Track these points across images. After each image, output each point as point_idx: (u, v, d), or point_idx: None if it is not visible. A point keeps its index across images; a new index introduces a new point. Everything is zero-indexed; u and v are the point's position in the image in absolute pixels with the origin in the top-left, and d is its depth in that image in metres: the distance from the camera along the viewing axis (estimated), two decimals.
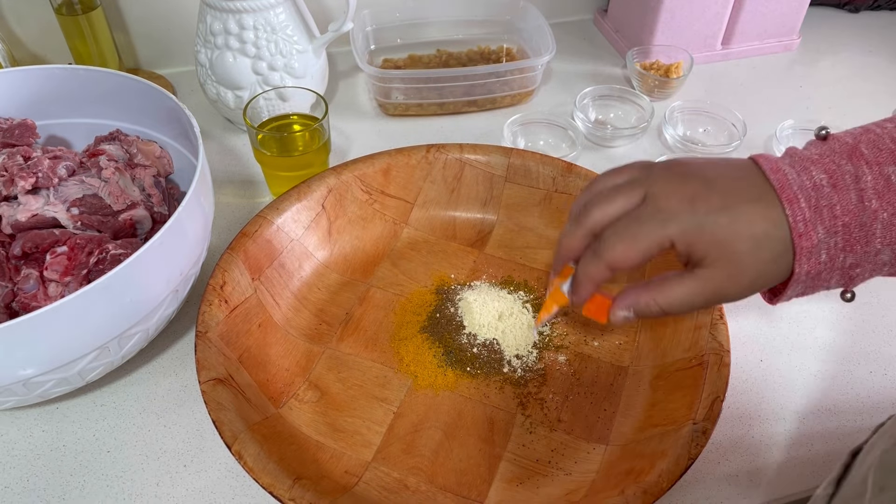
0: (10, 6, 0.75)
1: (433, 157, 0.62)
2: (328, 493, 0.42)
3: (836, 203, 0.37)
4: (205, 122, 0.76)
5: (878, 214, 0.37)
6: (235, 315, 0.50)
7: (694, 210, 0.39)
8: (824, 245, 0.37)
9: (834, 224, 0.37)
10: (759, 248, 0.38)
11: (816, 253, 0.38)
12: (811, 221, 0.37)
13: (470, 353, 0.53)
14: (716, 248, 0.38)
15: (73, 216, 0.49)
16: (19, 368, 0.42)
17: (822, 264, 0.38)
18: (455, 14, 0.85)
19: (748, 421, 0.51)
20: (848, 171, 0.37)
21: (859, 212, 0.37)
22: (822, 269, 0.38)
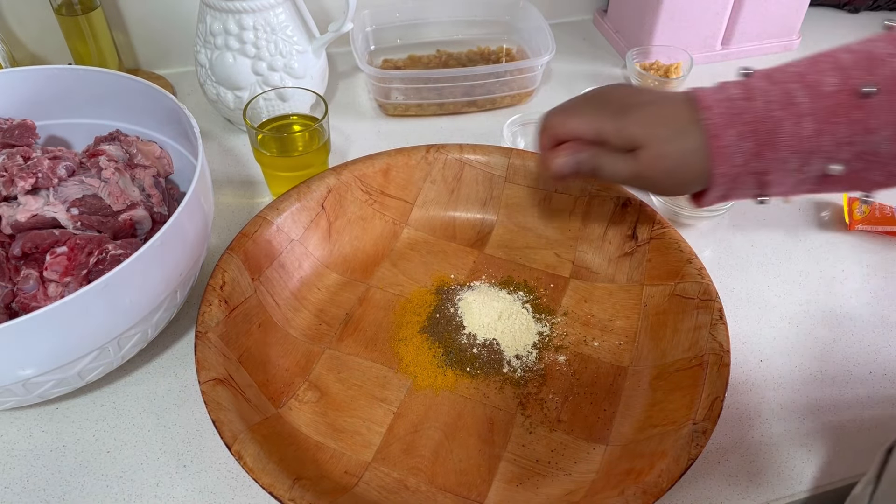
0: (10, 6, 0.75)
1: (433, 157, 0.62)
2: (328, 494, 0.42)
3: (746, 111, 0.42)
4: (205, 123, 0.76)
5: (782, 123, 0.42)
6: (235, 315, 0.50)
7: (625, 104, 0.47)
8: (738, 149, 0.43)
9: (744, 129, 0.42)
10: (679, 136, 0.44)
11: (731, 156, 0.43)
12: (724, 125, 0.43)
13: (470, 353, 0.53)
14: (641, 133, 0.45)
15: (72, 216, 0.49)
16: (19, 369, 0.42)
17: (737, 167, 0.44)
18: (455, 14, 0.85)
19: (748, 421, 0.51)
20: (758, 88, 0.43)
21: (766, 120, 0.42)
22: (739, 173, 0.44)
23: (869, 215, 0.64)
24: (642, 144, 0.45)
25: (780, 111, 0.41)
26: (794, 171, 0.43)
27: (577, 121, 0.48)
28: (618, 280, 0.58)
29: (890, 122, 0.40)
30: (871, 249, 0.64)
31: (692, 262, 0.53)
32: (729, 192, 0.46)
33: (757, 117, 0.42)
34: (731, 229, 0.66)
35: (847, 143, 0.41)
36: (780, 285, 0.61)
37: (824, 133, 0.41)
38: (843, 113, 0.40)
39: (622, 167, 0.47)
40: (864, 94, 0.40)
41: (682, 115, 0.44)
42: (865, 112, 0.40)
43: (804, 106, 0.41)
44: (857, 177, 0.43)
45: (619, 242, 0.59)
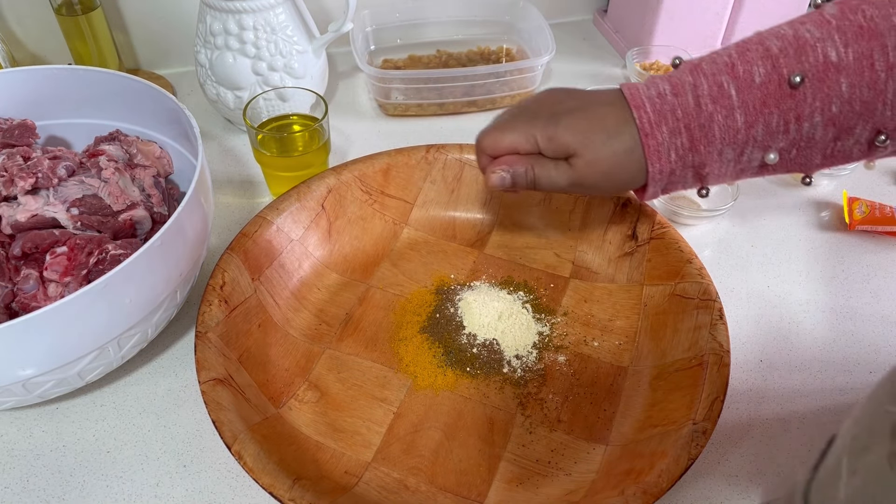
0: (10, 6, 0.75)
1: (433, 157, 0.62)
2: (328, 494, 0.42)
3: (678, 107, 0.42)
4: (205, 123, 0.76)
5: (714, 117, 0.42)
6: (235, 315, 0.50)
7: (555, 112, 0.46)
8: (672, 145, 0.43)
9: (676, 125, 0.43)
10: (611, 139, 0.44)
11: (665, 152, 0.43)
12: (656, 123, 0.43)
13: (470, 353, 0.53)
14: (574, 140, 0.45)
15: (72, 216, 0.49)
16: (19, 369, 0.42)
17: (673, 163, 0.44)
18: (455, 14, 0.85)
19: (748, 421, 0.51)
20: (688, 82, 0.43)
21: (698, 114, 0.42)
22: (675, 168, 0.44)
23: (869, 215, 0.64)
24: (575, 152, 0.46)
25: (712, 105, 0.42)
26: (731, 161, 0.44)
27: (510, 136, 0.48)
28: (618, 280, 0.58)
29: (820, 109, 0.40)
30: (871, 249, 0.64)
31: (692, 262, 0.53)
32: (668, 185, 0.46)
33: (688, 112, 0.42)
34: (731, 229, 0.66)
35: (781, 132, 0.41)
36: (780, 285, 0.61)
37: (756, 124, 0.41)
38: (774, 103, 0.41)
39: (559, 176, 0.47)
40: (793, 83, 0.40)
41: (613, 117, 0.45)
42: (796, 100, 0.40)
43: (735, 98, 0.41)
44: (797, 162, 0.44)
45: (619, 242, 0.59)
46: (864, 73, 0.39)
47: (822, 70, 0.39)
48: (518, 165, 0.48)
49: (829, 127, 0.41)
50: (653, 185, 0.46)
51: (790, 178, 0.71)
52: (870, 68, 0.39)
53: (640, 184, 0.47)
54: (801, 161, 0.44)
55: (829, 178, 0.69)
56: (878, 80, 0.39)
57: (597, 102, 0.46)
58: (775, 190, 0.70)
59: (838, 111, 0.40)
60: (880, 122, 0.40)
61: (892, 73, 0.38)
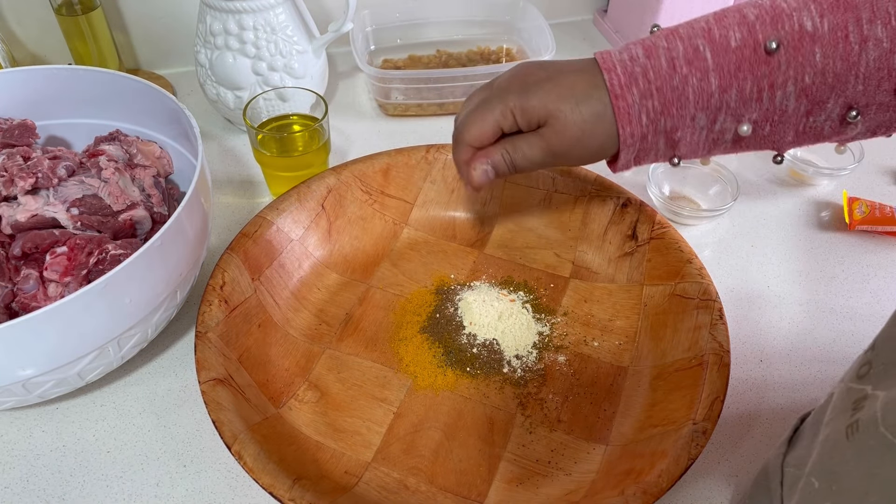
0: (10, 6, 0.75)
1: (433, 157, 0.62)
2: (328, 494, 0.42)
3: (649, 69, 0.42)
4: (205, 123, 0.76)
5: (688, 79, 0.42)
6: (235, 315, 0.50)
7: (525, 84, 0.46)
8: (643, 107, 0.43)
9: (648, 88, 0.42)
10: (579, 105, 0.44)
11: (636, 115, 0.43)
12: (626, 85, 0.43)
13: (470, 353, 0.53)
14: (544, 109, 0.45)
15: (72, 216, 0.49)
16: (19, 369, 0.42)
17: (644, 127, 0.44)
18: (455, 14, 0.85)
19: (748, 421, 0.51)
20: (662, 46, 0.43)
21: (671, 76, 0.42)
22: (647, 132, 0.44)
23: (869, 215, 0.64)
24: (546, 120, 0.45)
25: (686, 67, 0.42)
26: (704, 129, 0.43)
27: (490, 118, 0.47)
28: (618, 280, 0.58)
29: (793, 78, 0.40)
30: (871, 249, 0.64)
31: (692, 262, 0.53)
32: (640, 153, 0.46)
33: (661, 74, 0.42)
34: (731, 229, 0.66)
35: (754, 100, 0.41)
36: (780, 285, 0.61)
37: (730, 88, 0.41)
38: (748, 68, 0.41)
39: (533, 150, 0.47)
40: (768, 49, 0.40)
41: (582, 82, 0.44)
42: (770, 67, 0.40)
43: (710, 61, 0.41)
44: (770, 139, 0.44)
45: (619, 242, 0.59)
46: (839, 44, 0.39)
47: (798, 38, 0.40)
48: (494, 153, 0.48)
49: (802, 98, 0.41)
50: (625, 151, 0.45)
51: (790, 178, 0.71)
52: (844, 40, 0.39)
53: (612, 151, 0.46)
54: (773, 138, 0.44)
55: (829, 178, 0.69)
56: (851, 52, 0.39)
57: (566, 71, 0.46)
58: (775, 190, 0.70)
59: (811, 82, 0.40)
60: (852, 97, 0.40)
61: (865, 46, 0.39)
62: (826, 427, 0.33)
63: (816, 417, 0.37)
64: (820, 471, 0.32)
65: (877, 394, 0.29)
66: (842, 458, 0.30)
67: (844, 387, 0.33)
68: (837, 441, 0.31)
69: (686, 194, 0.69)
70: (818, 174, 0.69)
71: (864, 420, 0.29)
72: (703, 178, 0.68)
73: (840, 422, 0.31)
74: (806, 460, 0.34)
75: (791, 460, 0.38)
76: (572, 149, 0.46)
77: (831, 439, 0.31)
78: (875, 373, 0.30)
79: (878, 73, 0.39)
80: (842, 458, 0.30)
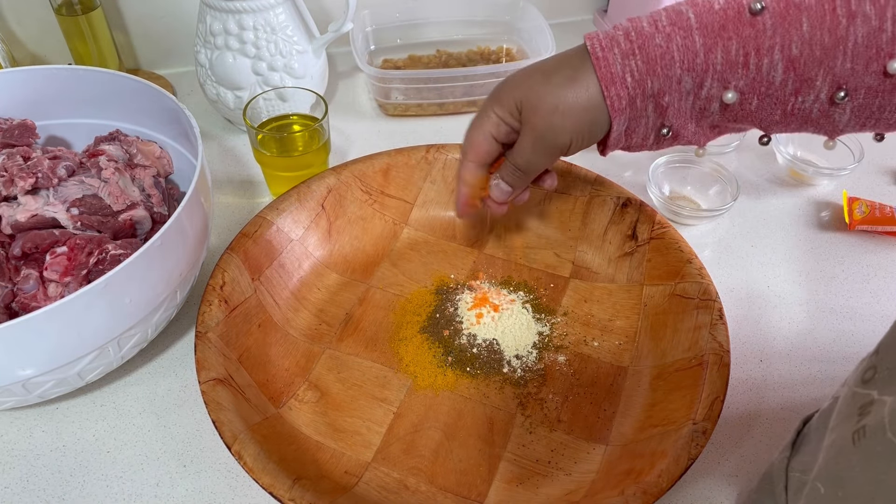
0: (10, 6, 0.75)
1: (433, 157, 0.62)
2: (328, 494, 0.42)
3: (631, 30, 0.42)
4: (205, 123, 0.76)
5: (672, 37, 0.41)
6: (235, 315, 0.50)
7: (501, 84, 0.46)
8: (626, 67, 0.42)
9: (630, 47, 0.42)
10: (548, 76, 0.44)
11: (620, 76, 0.42)
12: (607, 47, 0.42)
13: (470, 353, 0.53)
14: (517, 92, 0.45)
15: (72, 216, 0.49)
16: (19, 369, 0.42)
17: (630, 89, 0.43)
18: (455, 14, 0.85)
19: (748, 421, 0.51)
20: (645, 16, 0.43)
21: (652, 35, 0.42)
22: (634, 95, 0.43)
23: (869, 215, 0.64)
24: (520, 103, 0.45)
25: (670, 26, 0.42)
26: (690, 93, 0.43)
27: (481, 127, 0.47)
28: (618, 280, 0.58)
29: (779, 45, 0.40)
30: (871, 249, 0.64)
31: (692, 262, 0.53)
32: (631, 123, 0.45)
33: (643, 34, 0.42)
34: (731, 229, 0.66)
35: (740, 65, 0.41)
36: (780, 285, 0.61)
37: (715, 48, 0.41)
38: (733, 28, 0.40)
39: (524, 143, 0.46)
40: (753, 10, 0.40)
41: (552, 61, 0.45)
42: (756, 30, 0.40)
43: (693, 20, 0.41)
44: (757, 116, 0.43)
45: (619, 242, 0.59)
46: (826, 16, 0.39)
47: (784, 5, 0.40)
48: (502, 169, 0.49)
49: (790, 71, 0.40)
50: (616, 119, 0.44)
51: (790, 178, 0.71)
52: (831, 12, 0.39)
53: (604, 125, 0.45)
54: (761, 115, 0.43)
55: (829, 178, 0.69)
56: (838, 25, 0.39)
57: (542, 60, 0.46)
58: (775, 190, 0.70)
59: (799, 52, 0.40)
60: (840, 75, 0.40)
61: (853, 20, 0.38)
62: (832, 432, 0.33)
63: (821, 421, 0.37)
64: (826, 476, 0.31)
65: (884, 399, 0.29)
66: (848, 463, 0.30)
67: (849, 391, 0.32)
68: (843, 447, 0.30)
69: (686, 194, 0.69)
70: (818, 174, 0.69)
71: (872, 426, 0.28)
72: (703, 178, 0.68)
73: (846, 427, 0.31)
74: (811, 465, 0.34)
75: (796, 465, 0.38)
76: (553, 119, 0.44)
77: (837, 444, 0.31)
78: (881, 378, 0.30)
79: (866, 51, 0.39)
80: (848, 464, 0.30)
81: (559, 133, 0.45)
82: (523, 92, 0.45)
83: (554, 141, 0.45)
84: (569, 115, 0.44)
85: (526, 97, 0.45)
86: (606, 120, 0.44)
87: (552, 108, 0.44)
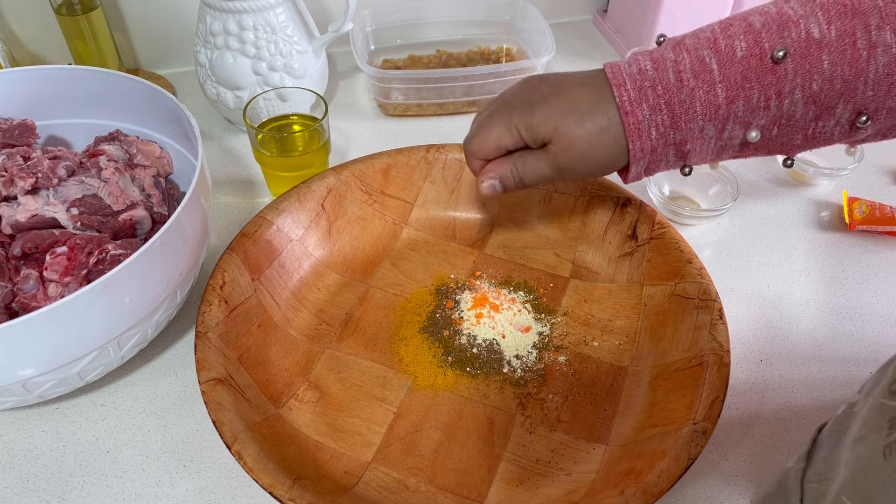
0: (10, 6, 0.75)
1: (433, 157, 0.62)
2: (328, 494, 0.42)
3: (658, 83, 0.43)
4: (205, 123, 0.76)
5: (695, 92, 0.42)
6: (235, 315, 0.50)
7: (530, 100, 0.46)
8: (652, 122, 0.43)
9: (657, 102, 0.43)
10: (584, 119, 0.44)
11: (646, 130, 0.43)
12: (636, 101, 0.43)
13: (470, 353, 0.53)
14: (548, 126, 0.45)
15: (72, 216, 0.49)
16: (19, 369, 0.42)
17: (654, 141, 0.44)
18: (455, 14, 0.85)
19: (748, 421, 0.51)
20: (669, 58, 0.43)
21: (678, 90, 0.42)
22: (657, 146, 0.44)
23: (869, 215, 0.64)
24: (551, 138, 0.46)
25: (693, 80, 0.42)
26: (713, 138, 0.43)
27: (494, 133, 0.48)
28: (618, 280, 0.58)
29: (800, 86, 0.40)
30: (871, 249, 0.64)
31: (692, 262, 0.53)
32: (651, 165, 0.46)
33: (669, 88, 0.42)
34: (731, 229, 0.66)
35: (762, 108, 0.41)
36: (780, 285, 0.61)
37: (737, 99, 0.41)
38: (755, 77, 0.41)
39: (541, 166, 0.47)
40: (775, 58, 0.40)
41: (586, 98, 0.45)
42: (777, 76, 0.40)
43: (716, 73, 0.41)
44: (778, 141, 0.43)
45: (619, 242, 0.59)
46: (847, 50, 0.39)
47: (805, 46, 0.39)
48: (503, 168, 0.49)
49: (810, 105, 0.41)
50: (635, 164, 0.46)
51: (790, 178, 0.71)
52: (852, 46, 0.38)
53: (622, 164, 0.46)
54: (782, 141, 0.43)
55: (829, 178, 0.69)
56: (859, 58, 0.39)
57: (571, 85, 0.46)
58: (775, 190, 0.70)
59: (819, 89, 0.40)
60: (861, 103, 0.40)
61: (873, 52, 0.38)
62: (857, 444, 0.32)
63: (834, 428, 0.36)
64: (853, 491, 0.31)
65: None
66: (878, 479, 0.29)
67: (875, 402, 0.32)
68: (873, 461, 0.30)
69: (686, 194, 0.69)
70: (818, 174, 0.69)
71: None
72: (703, 178, 0.68)
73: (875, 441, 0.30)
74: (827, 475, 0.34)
75: (812, 476, 0.37)
76: (579, 164, 0.46)
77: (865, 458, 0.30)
78: None
79: (887, 78, 0.39)
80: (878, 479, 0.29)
81: (580, 174, 0.47)
82: (554, 127, 0.45)
83: (572, 176, 0.48)
84: (595, 161, 0.46)
85: (558, 134, 0.45)
86: (625, 162, 0.46)
87: (582, 154, 0.45)
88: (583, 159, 0.46)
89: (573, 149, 0.45)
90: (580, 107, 0.45)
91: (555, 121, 0.45)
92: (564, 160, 0.46)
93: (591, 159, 0.46)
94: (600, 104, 0.44)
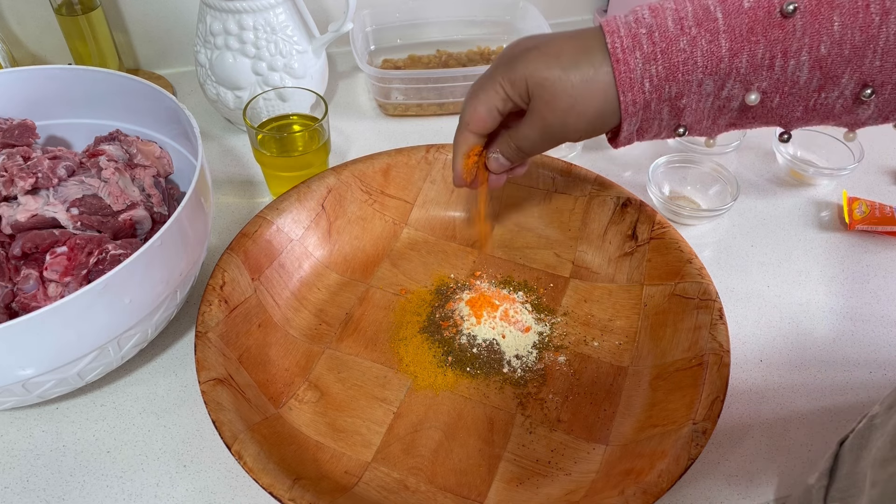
0: (10, 6, 0.75)
1: (433, 157, 0.62)
2: (328, 494, 0.42)
3: (655, 30, 0.40)
4: (205, 123, 0.76)
5: (697, 41, 0.39)
6: (235, 315, 0.50)
7: (512, 56, 0.44)
8: (645, 73, 0.40)
9: (653, 51, 0.40)
10: (566, 71, 0.41)
11: (639, 81, 0.40)
12: (629, 48, 0.40)
13: (470, 353, 0.53)
14: (530, 78, 0.42)
15: (72, 216, 0.49)
16: (19, 369, 0.42)
17: (647, 94, 0.41)
18: (455, 14, 0.85)
19: (748, 421, 0.51)
20: (669, 7, 0.40)
21: (677, 38, 0.39)
22: (650, 100, 0.41)
23: (869, 215, 0.64)
24: (534, 90, 0.43)
25: (696, 28, 0.39)
26: (710, 95, 0.41)
27: (481, 97, 0.45)
28: (618, 280, 0.58)
29: (808, 46, 0.38)
30: (870, 249, 0.64)
31: (692, 262, 0.53)
32: (644, 124, 0.43)
33: (667, 36, 0.40)
34: (731, 229, 0.66)
35: (765, 67, 0.39)
36: (780, 285, 0.61)
37: (741, 53, 0.39)
38: (762, 31, 0.38)
39: (531, 128, 0.45)
40: (784, 11, 0.38)
41: (571, 47, 0.42)
42: (785, 32, 0.38)
43: (721, 21, 0.39)
44: (778, 112, 0.42)
45: (619, 242, 0.59)
46: (859, 13, 0.37)
47: (816, 3, 0.37)
48: (500, 141, 0.48)
49: (816, 70, 0.39)
50: (627, 121, 0.43)
51: (790, 178, 0.71)
52: (864, 10, 0.37)
53: (613, 123, 0.43)
54: (781, 112, 0.42)
55: (829, 178, 0.69)
56: (871, 23, 0.37)
57: (556, 38, 0.43)
58: (775, 190, 0.70)
59: (827, 52, 0.38)
60: (868, 74, 0.38)
61: (886, 18, 0.36)
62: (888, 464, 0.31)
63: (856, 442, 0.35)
64: None
65: None
66: None
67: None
68: None
69: (686, 194, 0.69)
70: (818, 174, 0.69)
71: None
72: (703, 178, 0.68)
73: None
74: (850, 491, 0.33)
75: (835, 494, 0.36)
76: (567, 119, 0.43)
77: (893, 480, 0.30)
78: None
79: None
80: None
81: (570, 131, 0.44)
82: (538, 80, 0.42)
83: (563, 136, 0.45)
84: (583, 116, 0.43)
85: (541, 87, 0.42)
86: (618, 119, 0.43)
87: (568, 107, 0.42)
88: (569, 113, 0.43)
89: (557, 103, 0.42)
90: (563, 57, 0.42)
91: (537, 72, 0.42)
92: (550, 116, 0.43)
93: (579, 114, 0.42)
94: (586, 53, 0.41)
